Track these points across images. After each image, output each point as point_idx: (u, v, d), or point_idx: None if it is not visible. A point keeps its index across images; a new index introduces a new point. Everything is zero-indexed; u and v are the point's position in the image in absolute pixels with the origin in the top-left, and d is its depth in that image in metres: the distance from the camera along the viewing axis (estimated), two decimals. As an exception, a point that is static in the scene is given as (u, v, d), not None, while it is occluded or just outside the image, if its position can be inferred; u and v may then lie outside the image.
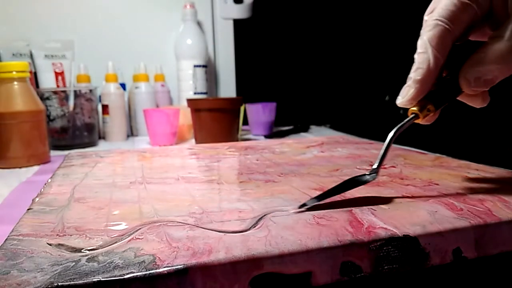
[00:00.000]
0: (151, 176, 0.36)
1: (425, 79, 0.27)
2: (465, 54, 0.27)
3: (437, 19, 0.27)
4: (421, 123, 0.29)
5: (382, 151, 0.28)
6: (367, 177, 0.28)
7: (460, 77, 0.27)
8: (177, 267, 0.18)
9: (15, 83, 0.59)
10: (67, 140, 0.78)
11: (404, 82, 0.29)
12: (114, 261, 0.18)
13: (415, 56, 0.28)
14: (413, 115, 0.28)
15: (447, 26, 0.27)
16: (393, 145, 0.30)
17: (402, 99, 0.28)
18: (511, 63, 0.26)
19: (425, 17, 0.29)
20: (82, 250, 0.19)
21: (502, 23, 0.26)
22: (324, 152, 0.47)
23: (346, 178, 0.33)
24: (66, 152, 0.58)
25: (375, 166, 0.28)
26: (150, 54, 1.01)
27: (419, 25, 0.29)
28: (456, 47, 0.28)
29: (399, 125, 0.28)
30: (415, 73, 0.28)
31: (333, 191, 0.27)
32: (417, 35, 0.29)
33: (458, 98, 0.29)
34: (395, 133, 0.28)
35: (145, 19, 1.02)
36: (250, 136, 0.89)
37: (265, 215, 0.24)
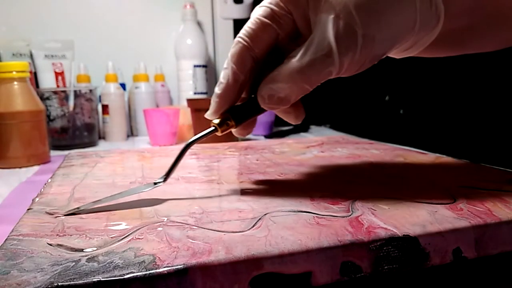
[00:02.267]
0: (151, 176, 0.36)
1: (224, 93, 0.29)
2: (268, 73, 0.28)
3: (238, 37, 0.28)
4: (235, 134, 0.31)
5: (173, 161, 0.30)
6: (152, 185, 0.29)
7: (258, 94, 0.28)
8: (177, 267, 0.18)
9: (15, 83, 0.59)
10: (67, 140, 0.78)
11: (403, 83, 0.29)
12: (114, 261, 0.18)
13: (222, 71, 0.30)
14: (212, 128, 0.30)
15: (246, 44, 0.28)
16: (393, 145, 0.31)
17: (208, 112, 0.30)
18: (299, 83, 0.27)
19: None
20: (82, 250, 0.19)
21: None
22: (324, 152, 0.47)
23: (347, 177, 0.33)
24: (66, 152, 0.58)
25: (163, 175, 0.30)
26: (150, 54, 1.01)
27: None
28: (268, 64, 0.29)
29: (196, 136, 0.30)
30: (217, 88, 0.29)
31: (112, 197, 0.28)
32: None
33: (277, 114, 0.31)
34: (189, 143, 0.30)
35: (145, 19, 1.02)
36: (250, 136, 0.89)
37: (265, 215, 0.24)
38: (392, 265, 0.21)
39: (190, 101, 0.73)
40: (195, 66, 0.96)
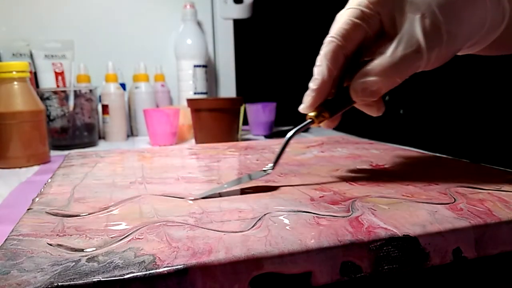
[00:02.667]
0: (151, 176, 0.36)
1: (320, 88, 0.31)
2: (359, 68, 0.30)
3: (331, 37, 0.31)
4: (321, 126, 0.33)
5: (279, 150, 0.33)
6: (262, 172, 0.32)
7: (350, 88, 0.31)
8: (177, 267, 0.18)
9: (15, 83, 0.59)
10: (67, 140, 0.78)
11: (403, 83, 0.30)
12: (114, 261, 0.18)
13: (314, 68, 0.32)
14: (309, 120, 0.32)
15: (339, 43, 0.31)
16: (393, 145, 0.32)
17: (302, 106, 0.33)
18: (391, 77, 0.29)
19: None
20: (82, 250, 0.19)
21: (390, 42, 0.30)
22: (324, 152, 0.47)
23: (346, 177, 0.33)
24: (66, 152, 0.58)
25: (271, 164, 0.33)
26: (150, 54, 1.01)
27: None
28: (354, 60, 0.32)
29: (296, 128, 0.33)
30: (312, 83, 0.32)
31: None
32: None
33: (357, 107, 0.33)
34: (292, 135, 0.33)
35: (145, 19, 1.02)
36: (250, 136, 0.89)
37: (265, 215, 0.24)
38: (392, 265, 0.21)
39: (190, 101, 0.73)
40: (195, 66, 0.96)
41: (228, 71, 1.08)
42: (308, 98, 0.32)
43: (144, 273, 0.17)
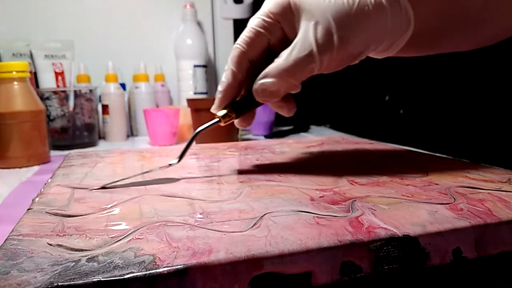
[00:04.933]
0: (151, 176, 0.36)
1: (226, 90, 0.35)
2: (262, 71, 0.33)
3: (236, 43, 0.35)
4: (237, 125, 0.37)
5: (186, 144, 0.36)
6: (169, 165, 0.35)
7: (253, 89, 0.34)
8: (177, 267, 0.18)
9: (15, 83, 0.59)
10: (67, 140, 0.78)
11: (403, 83, 0.30)
12: (114, 261, 0.18)
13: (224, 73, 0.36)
14: (216, 119, 0.35)
15: (243, 49, 0.34)
16: (394, 145, 0.33)
17: (212, 106, 0.36)
18: (286, 79, 0.32)
19: None
20: (82, 250, 0.19)
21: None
22: (324, 152, 0.47)
23: (346, 177, 0.33)
24: (66, 152, 0.58)
25: (179, 156, 0.36)
26: (150, 54, 1.01)
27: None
28: (261, 65, 0.34)
29: (203, 126, 0.36)
30: (220, 85, 0.35)
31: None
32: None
33: (272, 107, 0.36)
34: (199, 131, 0.36)
35: (145, 19, 1.02)
36: (250, 136, 0.89)
37: (265, 215, 0.24)
38: (392, 265, 0.21)
39: (190, 101, 0.73)
40: (195, 66, 0.96)
41: (228, 71, 1.08)
42: (216, 99, 0.35)
43: (144, 273, 0.17)
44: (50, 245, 0.20)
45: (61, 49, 0.88)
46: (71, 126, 0.78)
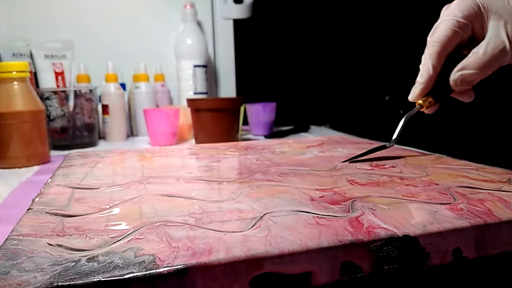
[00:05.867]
0: (151, 176, 0.36)
1: (426, 81, 0.41)
2: (455, 64, 0.39)
3: (435, 41, 0.40)
4: (425, 111, 0.42)
5: (399, 127, 0.43)
6: (387, 145, 0.43)
7: (450, 79, 0.39)
8: (177, 267, 0.18)
9: (15, 83, 0.59)
10: (67, 140, 0.78)
11: (403, 83, 0.31)
12: (114, 261, 0.18)
13: (420, 66, 0.41)
14: (419, 106, 0.42)
15: (441, 46, 0.39)
16: (394, 145, 0.35)
17: (412, 95, 0.42)
18: (484, 70, 0.38)
19: (428, 38, 0.41)
20: (82, 250, 0.19)
21: (480, 44, 0.38)
22: (324, 152, 0.47)
23: (346, 177, 0.33)
24: (66, 152, 0.58)
25: (394, 137, 0.43)
26: (150, 54, 1.01)
27: (418, 26, 0.31)
28: (451, 59, 0.40)
29: (410, 112, 0.42)
30: (420, 78, 0.41)
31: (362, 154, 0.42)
32: (415, 36, 0.31)
33: (452, 95, 0.41)
34: (407, 115, 0.43)
35: (145, 19, 1.02)
36: (250, 136, 0.89)
37: (265, 215, 0.24)
38: (392, 265, 0.21)
39: (190, 101, 0.73)
40: (195, 66, 0.96)
41: (228, 71, 1.08)
42: (416, 90, 0.41)
43: (144, 273, 0.17)
44: (50, 245, 0.20)
45: (61, 49, 0.88)
46: (71, 126, 0.78)
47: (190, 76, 0.96)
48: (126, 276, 0.17)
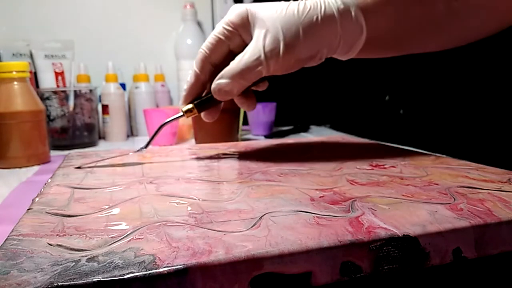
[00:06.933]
0: (151, 176, 0.36)
1: (189, 89, 0.41)
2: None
3: (201, 48, 0.40)
4: (204, 119, 0.42)
5: (152, 134, 0.42)
6: (137, 151, 0.43)
7: (211, 88, 0.39)
8: (177, 267, 0.18)
9: (15, 83, 0.59)
10: (67, 140, 0.78)
11: (403, 83, 0.31)
12: (114, 261, 0.18)
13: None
14: (181, 113, 0.41)
15: (205, 54, 0.39)
16: (394, 145, 0.34)
17: (180, 102, 0.42)
18: (238, 80, 0.37)
19: None
20: (82, 250, 0.19)
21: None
22: (324, 152, 0.47)
23: (346, 177, 0.33)
24: (66, 152, 0.58)
25: (144, 145, 0.43)
26: (150, 54, 1.01)
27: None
28: (223, 67, 0.38)
29: (169, 119, 0.42)
30: (186, 84, 0.41)
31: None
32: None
33: (236, 103, 0.42)
34: (165, 123, 0.42)
35: (145, 19, 1.02)
36: (250, 136, 0.89)
37: (265, 215, 0.24)
38: (392, 265, 0.21)
39: (190, 101, 0.73)
40: (195, 66, 0.96)
41: (228, 71, 1.08)
42: (182, 96, 0.41)
43: (144, 273, 0.17)
44: (50, 245, 0.20)
45: (61, 49, 0.88)
46: (71, 126, 0.78)
47: (190, 76, 0.96)
48: (126, 276, 0.17)
